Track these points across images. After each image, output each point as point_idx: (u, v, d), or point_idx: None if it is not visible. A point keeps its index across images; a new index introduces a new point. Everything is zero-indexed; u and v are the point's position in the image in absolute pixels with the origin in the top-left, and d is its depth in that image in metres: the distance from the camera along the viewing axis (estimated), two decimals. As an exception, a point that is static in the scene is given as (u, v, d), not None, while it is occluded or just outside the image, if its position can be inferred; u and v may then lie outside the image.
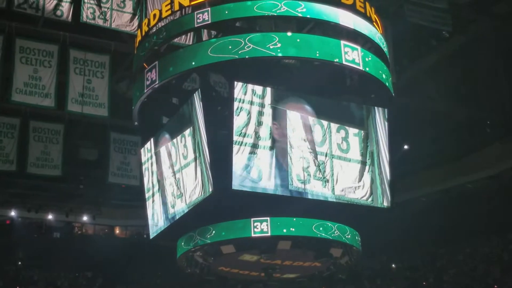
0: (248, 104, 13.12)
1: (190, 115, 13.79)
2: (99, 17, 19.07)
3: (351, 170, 13.93)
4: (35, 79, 19.95)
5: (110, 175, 23.38)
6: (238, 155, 12.92)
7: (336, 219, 14.31)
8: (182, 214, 14.32)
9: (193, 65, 12.98)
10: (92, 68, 20.66)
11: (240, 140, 12.97)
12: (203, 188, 13.34)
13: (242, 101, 13.06)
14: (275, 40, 12.56)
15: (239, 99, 13.03)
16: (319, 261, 15.48)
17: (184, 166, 14.14)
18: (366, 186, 14.02)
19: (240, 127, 13.00)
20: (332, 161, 13.74)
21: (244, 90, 13.09)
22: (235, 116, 12.96)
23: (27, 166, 21.92)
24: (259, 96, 13.21)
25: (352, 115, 14.26)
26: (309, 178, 13.49)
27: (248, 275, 16.64)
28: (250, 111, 13.13)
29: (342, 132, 13.97)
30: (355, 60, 13.04)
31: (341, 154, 13.82)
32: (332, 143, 13.79)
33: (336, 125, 13.92)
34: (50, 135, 22.41)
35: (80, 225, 33.52)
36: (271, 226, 13.82)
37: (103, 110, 20.73)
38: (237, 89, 13.03)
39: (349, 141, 14.00)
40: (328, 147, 13.74)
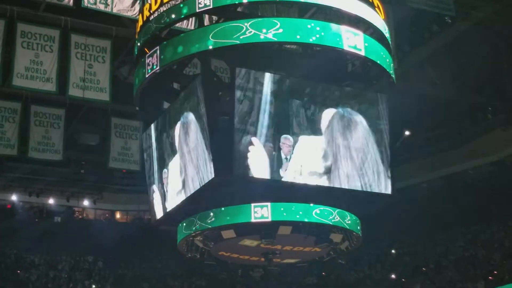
0: (251, 92, 13.12)
1: (191, 100, 13.78)
2: (100, 1, 18.97)
3: (353, 157, 13.92)
4: (36, 64, 19.94)
5: (111, 160, 23.43)
6: (240, 142, 12.93)
7: (337, 204, 14.35)
8: (183, 199, 14.35)
9: (194, 50, 12.94)
10: (93, 53, 20.64)
11: (242, 127, 12.98)
12: (205, 174, 13.35)
13: (244, 89, 13.06)
14: (277, 25, 12.51)
15: (242, 86, 13.03)
16: (319, 247, 15.51)
17: (185, 152, 14.15)
18: (368, 172, 14.02)
19: (243, 114, 13.01)
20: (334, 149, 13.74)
21: (247, 77, 13.07)
22: (237, 104, 12.96)
23: (28, 151, 21.99)
24: (261, 83, 13.20)
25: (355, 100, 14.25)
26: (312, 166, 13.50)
27: (248, 260, 16.70)
28: (253, 99, 13.14)
29: (345, 120, 13.96)
30: (356, 45, 12.97)
31: (343, 141, 13.82)
32: (334, 131, 13.79)
33: (339, 111, 13.92)
34: (51, 119, 22.45)
35: (81, 209, 33.61)
36: (272, 211, 13.87)
37: (104, 94, 20.73)
38: (240, 77, 13.02)
39: (352, 129, 13.99)
40: (331, 135, 13.74)
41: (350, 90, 14.49)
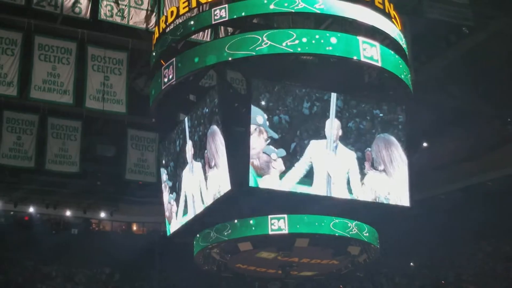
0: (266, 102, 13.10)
1: (207, 113, 13.76)
2: (117, 14, 19.10)
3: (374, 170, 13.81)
4: (53, 76, 20.05)
5: (127, 171, 23.45)
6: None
7: (354, 217, 14.22)
8: (200, 211, 14.29)
9: (210, 61, 12.92)
10: (110, 65, 20.72)
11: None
12: (221, 186, 13.29)
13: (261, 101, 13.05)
14: (293, 37, 12.47)
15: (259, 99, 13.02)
16: (337, 259, 15.41)
17: (201, 164, 14.11)
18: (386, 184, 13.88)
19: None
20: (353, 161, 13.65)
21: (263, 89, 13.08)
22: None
23: (45, 163, 22.06)
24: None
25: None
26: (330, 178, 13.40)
27: (265, 272, 16.62)
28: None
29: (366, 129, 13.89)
30: (373, 56, 12.90)
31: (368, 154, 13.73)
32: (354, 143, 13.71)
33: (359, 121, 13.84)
34: (68, 131, 22.52)
35: (97, 221, 33.66)
36: (289, 224, 13.77)
37: (121, 106, 20.78)
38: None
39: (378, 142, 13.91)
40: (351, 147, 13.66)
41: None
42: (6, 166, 22.15)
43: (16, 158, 21.65)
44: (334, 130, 13.46)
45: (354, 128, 13.65)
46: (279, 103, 13.26)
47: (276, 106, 13.22)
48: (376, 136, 13.82)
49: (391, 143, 13.94)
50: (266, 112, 13.08)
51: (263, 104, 13.10)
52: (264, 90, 13.14)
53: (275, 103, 13.23)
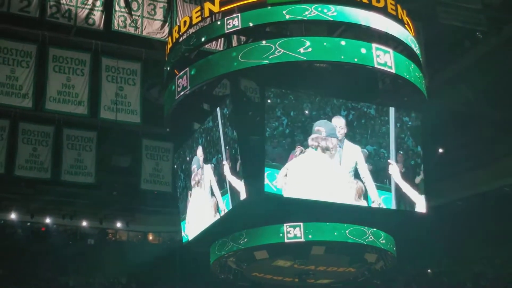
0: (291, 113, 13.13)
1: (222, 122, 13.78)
2: (130, 25, 19.22)
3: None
4: (68, 87, 20.19)
5: (143, 181, 23.47)
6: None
7: (371, 224, 14.16)
8: (215, 220, 14.29)
9: (224, 70, 12.96)
10: (123, 75, 20.82)
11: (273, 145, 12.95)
12: (236, 194, 13.28)
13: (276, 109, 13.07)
14: (306, 44, 12.47)
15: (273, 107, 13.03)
16: (353, 267, 15.34)
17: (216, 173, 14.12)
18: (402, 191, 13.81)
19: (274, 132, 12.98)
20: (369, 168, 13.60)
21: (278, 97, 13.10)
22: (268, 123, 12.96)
23: (61, 174, 22.13)
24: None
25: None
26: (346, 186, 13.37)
27: (282, 280, 16.57)
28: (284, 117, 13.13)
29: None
30: (387, 63, 12.88)
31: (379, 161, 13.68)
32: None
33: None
34: (84, 142, 22.61)
35: (113, 231, 33.75)
36: (304, 231, 13.74)
37: (135, 117, 20.86)
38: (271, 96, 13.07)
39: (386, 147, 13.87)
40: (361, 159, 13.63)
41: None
42: (23, 177, 22.24)
43: (32, 170, 21.75)
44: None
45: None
46: (320, 112, 13.37)
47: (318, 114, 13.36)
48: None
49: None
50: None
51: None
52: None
53: (318, 112, 13.36)
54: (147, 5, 19.56)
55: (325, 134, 13.22)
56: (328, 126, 13.32)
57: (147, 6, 19.56)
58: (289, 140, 13.10)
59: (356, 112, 13.58)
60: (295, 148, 13.06)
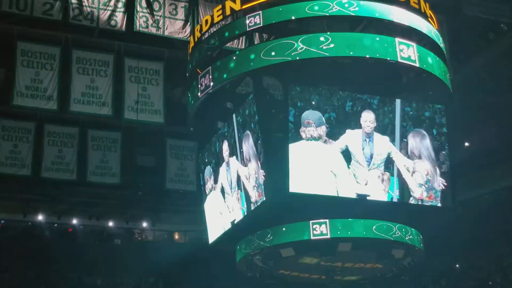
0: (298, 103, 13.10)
1: (245, 121, 13.77)
2: (152, 25, 19.28)
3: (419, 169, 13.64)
4: (92, 89, 20.31)
5: (168, 181, 23.56)
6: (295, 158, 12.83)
7: (397, 219, 14.06)
8: (241, 218, 14.29)
9: (247, 69, 12.94)
10: (146, 75, 20.89)
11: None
12: (262, 192, 13.26)
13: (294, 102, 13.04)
14: (328, 40, 12.41)
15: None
16: (380, 263, 15.26)
17: (242, 171, 14.11)
18: (429, 186, 13.69)
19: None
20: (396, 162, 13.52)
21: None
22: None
23: (87, 175, 22.28)
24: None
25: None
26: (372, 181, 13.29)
27: (309, 278, 16.55)
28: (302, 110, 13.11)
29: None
30: (410, 57, 12.81)
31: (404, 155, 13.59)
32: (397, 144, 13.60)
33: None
34: (108, 143, 22.73)
35: (140, 231, 33.88)
36: (330, 228, 13.71)
37: (159, 116, 20.91)
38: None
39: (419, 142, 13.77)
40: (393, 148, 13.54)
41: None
42: (49, 179, 22.42)
43: (58, 171, 21.91)
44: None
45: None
46: (327, 103, 13.34)
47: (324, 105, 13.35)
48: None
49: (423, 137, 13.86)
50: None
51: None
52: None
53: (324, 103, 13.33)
54: (168, 5, 19.60)
55: (316, 125, 13.16)
56: (315, 115, 13.28)
57: (169, 6, 19.59)
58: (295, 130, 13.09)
59: (360, 102, 13.50)
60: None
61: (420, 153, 13.68)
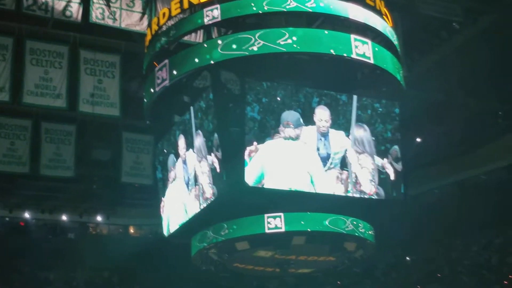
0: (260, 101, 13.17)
1: (201, 114, 13.81)
2: (108, 17, 19.08)
3: (365, 164, 13.87)
4: (46, 80, 20.02)
5: (123, 175, 23.43)
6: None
7: (350, 213, 14.30)
8: (196, 212, 14.33)
9: (204, 62, 12.97)
10: (102, 68, 20.71)
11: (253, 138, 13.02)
12: (217, 186, 13.33)
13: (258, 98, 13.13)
14: (285, 36, 12.53)
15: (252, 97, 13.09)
16: (333, 256, 15.50)
17: (197, 165, 14.14)
18: (380, 180, 13.95)
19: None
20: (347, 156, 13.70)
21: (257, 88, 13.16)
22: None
23: (40, 168, 22.01)
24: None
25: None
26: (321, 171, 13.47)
27: (263, 271, 16.67)
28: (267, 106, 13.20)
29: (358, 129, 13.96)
30: (365, 54, 13.01)
31: (356, 148, 13.78)
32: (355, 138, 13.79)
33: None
34: (62, 136, 22.48)
35: (94, 225, 33.62)
36: (285, 222, 13.85)
37: (115, 110, 20.77)
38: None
39: (363, 137, 13.97)
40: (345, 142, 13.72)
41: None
42: (1, 172, 22.07)
43: (10, 164, 21.59)
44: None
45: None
46: (292, 99, 13.46)
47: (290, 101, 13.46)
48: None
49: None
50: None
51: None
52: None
53: (289, 99, 13.44)
54: (125, -4, 19.46)
55: (294, 126, 13.32)
56: (294, 116, 13.42)
57: (126, -2, 19.46)
58: (260, 127, 13.14)
59: (327, 98, 13.70)
60: (272, 136, 13.13)
61: (364, 148, 13.87)
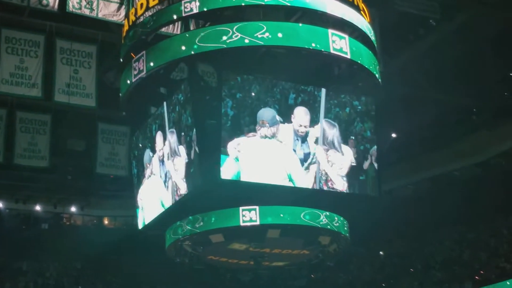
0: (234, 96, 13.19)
1: (178, 106, 13.78)
2: (85, 6, 18.92)
3: (339, 160, 13.94)
4: (21, 69, 19.84)
5: (98, 165, 23.31)
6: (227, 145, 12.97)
7: (324, 207, 14.38)
8: (171, 204, 14.32)
9: (181, 54, 12.94)
10: (79, 58, 20.56)
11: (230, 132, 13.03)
12: (192, 179, 13.33)
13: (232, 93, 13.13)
14: (263, 29, 12.55)
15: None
16: (307, 249, 15.61)
17: (173, 157, 14.13)
18: (354, 175, 14.05)
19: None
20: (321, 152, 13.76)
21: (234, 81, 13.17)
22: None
23: (14, 158, 21.81)
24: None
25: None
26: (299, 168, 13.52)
27: (237, 263, 16.75)
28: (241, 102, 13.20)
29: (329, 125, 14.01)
30: (342, 48, 13.06)
31: (324, 146, 13.84)
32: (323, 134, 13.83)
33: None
34: (37, 126, 22.28)
35: (68, 216, 33.41)
36: (260, 215, 13.91)
37: (91, 100, 20.64)
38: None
39: (333, 133, 14.04)
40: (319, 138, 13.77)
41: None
42: (-26, 161, 21.87)
43: (-17, 153, 21.41)
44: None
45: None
46: (268, 94, 13.45)
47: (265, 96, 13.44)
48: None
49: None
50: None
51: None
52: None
53: (264, 94, 13.42)
54: (103, -14, 19.31)
55: (269, 125, 13.36)
56: (269, 115, 13.45)
57: (103, -12, 19.31)
58: (233, 123, 13.13)
59: (305, 95, 13.74)
60: (245, 133, 13.13)
61: (333, 145, 13.92)
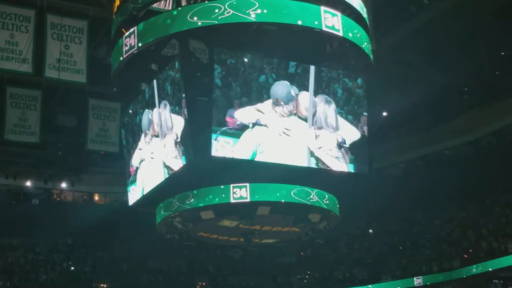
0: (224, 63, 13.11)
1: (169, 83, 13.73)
2: (76, -19, 18.80)
3: (330, 138, 13.93)
4: (11, 44, 19.73)
5: (89, 142, 23.29)
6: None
7: (315, 185, 14.42)
8: (161, 181, 14.32)
9: (172, 30, 12.87)
10: (69, 33, 20.43)
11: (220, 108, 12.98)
12: (183, 155, 13.32)
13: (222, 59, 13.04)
14: (255, 6, 12.47)
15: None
16: (297, 227, 15.65)
17: (164, 133, 14.10)
18: (345, 153, 14.06)
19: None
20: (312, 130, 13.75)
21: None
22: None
23: (4, 133, 21.77)
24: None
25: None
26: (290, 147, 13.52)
27: (227, 240, 16.80)
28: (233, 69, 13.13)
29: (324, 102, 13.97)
30: (335, 26, 12.98)
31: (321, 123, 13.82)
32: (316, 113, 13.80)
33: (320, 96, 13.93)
34: (28, 101, 22.21)
35: (59, 191, 33.39)
36: (250, 192, 13.92)
37: (81, 76, 20.56)
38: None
39: (327, 111, 14.00)
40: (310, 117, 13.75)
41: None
42: (-37, 136, 21.80)
43: (-27, 128, 21.36)
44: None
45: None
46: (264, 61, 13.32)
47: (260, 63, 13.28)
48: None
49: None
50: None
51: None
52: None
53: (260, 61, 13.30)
54: (94, -39, 19.17)
55: (284, 103, 13.31)
56: (283, 91, 13.31)
57: (94, -38, 19.16)
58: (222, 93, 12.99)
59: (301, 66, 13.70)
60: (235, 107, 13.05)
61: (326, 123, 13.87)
